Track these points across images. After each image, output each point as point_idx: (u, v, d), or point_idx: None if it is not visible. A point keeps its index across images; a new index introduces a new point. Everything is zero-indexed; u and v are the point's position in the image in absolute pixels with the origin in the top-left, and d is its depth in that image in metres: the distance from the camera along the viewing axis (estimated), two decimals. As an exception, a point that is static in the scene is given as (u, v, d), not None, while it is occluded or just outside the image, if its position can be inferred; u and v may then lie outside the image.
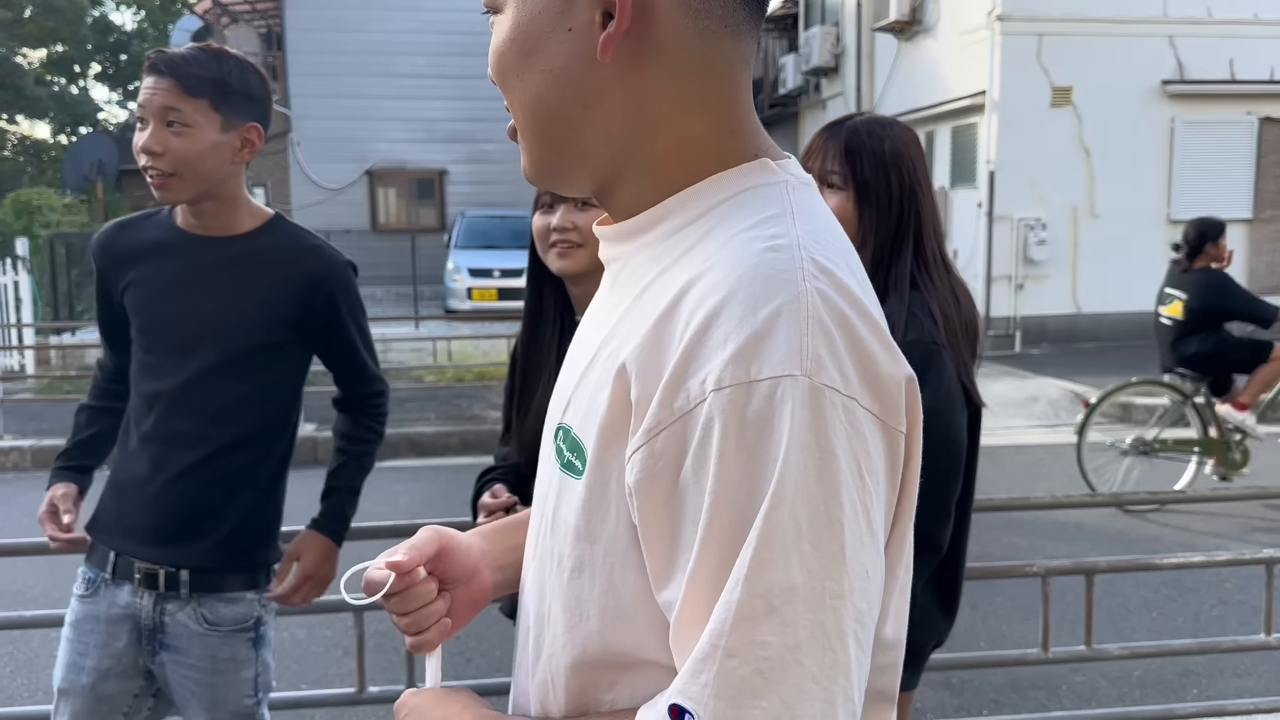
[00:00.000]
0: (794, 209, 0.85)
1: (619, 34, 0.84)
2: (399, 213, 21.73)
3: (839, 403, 0.75)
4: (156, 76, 1.97)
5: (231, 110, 2.01)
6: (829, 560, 0.74)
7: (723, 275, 0.79)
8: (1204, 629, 4.60)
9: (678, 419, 0.77)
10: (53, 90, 35.18)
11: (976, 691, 3.97)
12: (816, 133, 2.10)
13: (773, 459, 0.74)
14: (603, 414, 0.84)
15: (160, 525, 2.07)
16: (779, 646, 0.73)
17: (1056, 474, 7.42)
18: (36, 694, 4.11)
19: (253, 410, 2.10)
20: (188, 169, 1.98)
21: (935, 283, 1.98)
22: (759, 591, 0.73)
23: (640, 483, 0.79)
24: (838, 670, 0.74)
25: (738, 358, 0.75)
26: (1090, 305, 13.18)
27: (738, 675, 0.73)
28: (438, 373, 10.86)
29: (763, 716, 0.73)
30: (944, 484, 1.90)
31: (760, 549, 0.73)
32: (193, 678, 2.11)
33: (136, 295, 2.10)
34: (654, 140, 0.88)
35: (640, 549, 0.82)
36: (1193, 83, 12.90)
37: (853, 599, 0.75)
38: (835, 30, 18.39)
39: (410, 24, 20.74)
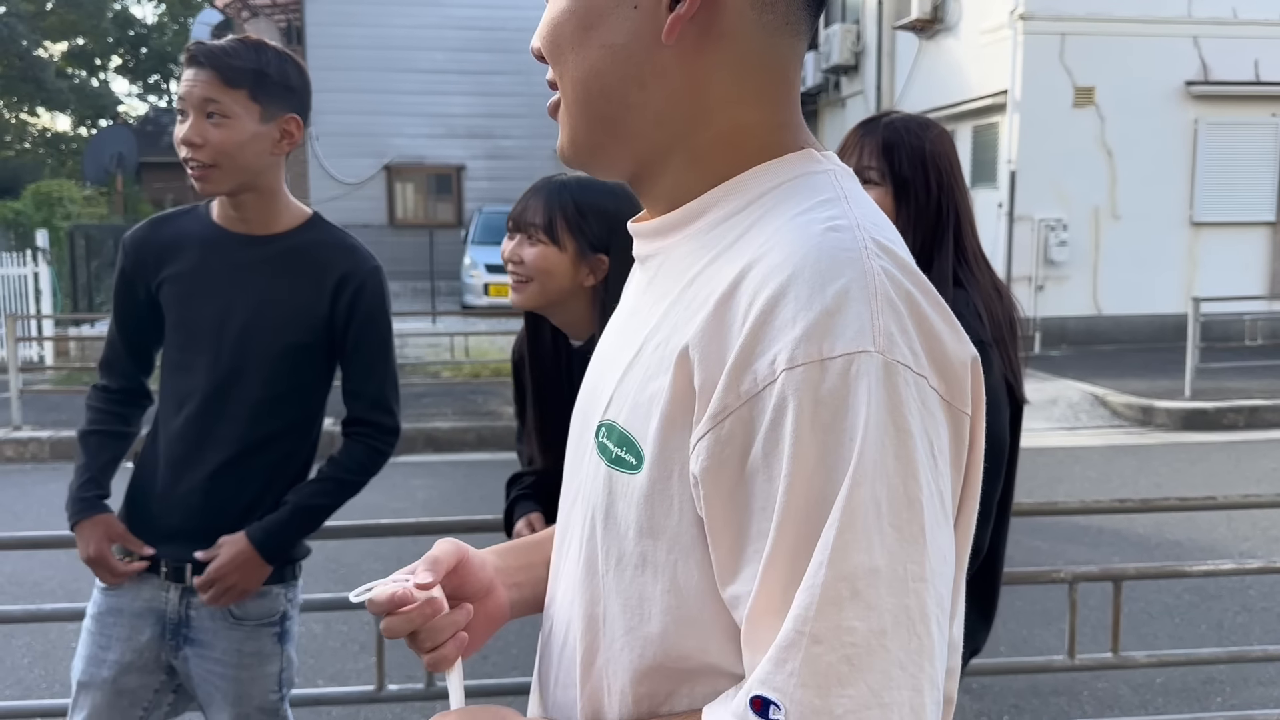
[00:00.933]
0: (846, 194, 0.85)
1: (688, 15, 0.84)
2: (417, 208, 21.74)
3: (911, 380, 0.75)
4: (196, 68, 1.96)
5: (270, 101, 2.00)
6: (909, 542, 0.73)
7: (785, 255, 0.78)
8: (1228, 636, 4.55)
9: (745, 402, 0.75)
10: (73, 83, 35.39)
11: (997, 697, 3.94)
12: (852, 129, 2.08)
13: (850, 438, 0.72)
14: (664, 403, 0.82)
15: (189, 521, 2.07)
16: (865, 632, 0.71)
17: (1077, 476, 7.37)
18: (55, 686, 4.11)
19: (284, 410, 2.09)
20: (227, 160, 1.97)
21: (978, 279, 1.97)
22: (843, 574, 0.71)
23: (706, 470, 0.77)
24: (923, 656, 0.73)
25: (809, 335, 0.74)
26: (1111, 307, 13.09)
27: (825, 662, 0.71)
28: (454, 368, 10.86)
29: (851, 705, 0.71)
30: (985, 484, 1.87)
31: (843, 530, 0.71)
32: (217, 672, 2.11)
33: (173, 291, 2.08)
34: (706, 127, 0.88)
35: (705, 543, 0.80)
36: (1217, 84, 12.78)
37: (933, 582, 0.74)
38: (856, 28, 18.31)
39: (430, 19, 20.75)
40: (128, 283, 2.13)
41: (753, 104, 0.88)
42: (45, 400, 9.77)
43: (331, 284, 2.07)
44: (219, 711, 2.12)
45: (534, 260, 1.97)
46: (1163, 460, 7.91)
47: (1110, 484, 7.19)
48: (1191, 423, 9.01)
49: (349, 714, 3.83)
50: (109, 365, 2.23)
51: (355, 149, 20.99)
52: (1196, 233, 13.10)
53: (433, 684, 2.84)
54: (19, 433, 8.58)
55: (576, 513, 0.95)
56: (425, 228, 20.21)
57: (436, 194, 21.82)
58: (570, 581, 0.95)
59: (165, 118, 31.03)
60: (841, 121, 19.34)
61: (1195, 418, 9.03)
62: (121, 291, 2.15)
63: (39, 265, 12.76)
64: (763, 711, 0.73)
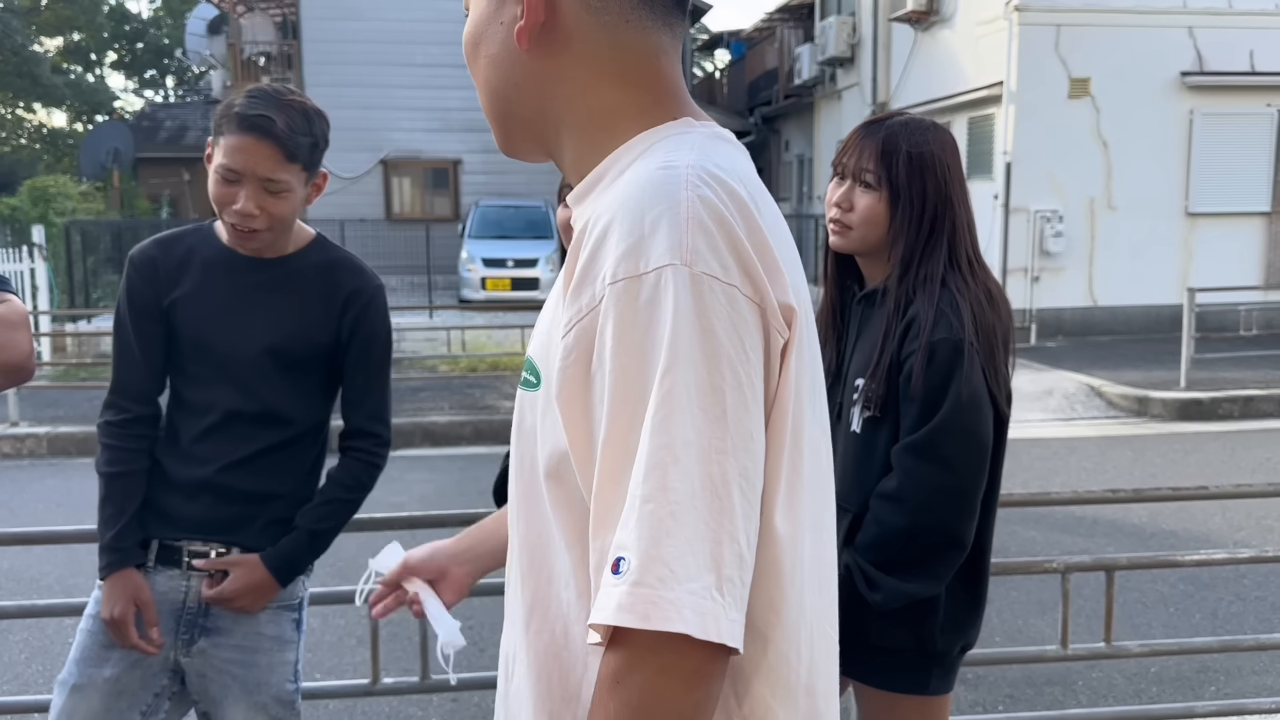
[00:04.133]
0: (699, 145, 1.00)
1: (529, 27, 1.02)
2: (413, 202, 21.73)
3: (718, 288, 0.89)
4: (257, 138, 1.97)
5: (313, 165, 2.09)
6: (714, 421, 0.87)
7: (619, 195, 0.95)
8: (1222, 625, 4.57)
9: (585, 314, 0.92)
10: (69, 78, 35.31)
11: (992, 687, 3.95)
12: (856, 128, 2.10)
13: (660, 336, 0.87)
14: (548, 331, 1.01)
15: (212, 512, 2.12)
16: (682, 491, 0.86)
17: (1072, 467, 7.39)
18: (52, 681, 4.11)
19: (299, 412, 2.16)
20: (279, 224, 2.07)
21: (967, 283, 1.97)
22: (663, 444, 0.86)
23: (561, 372, 0.94)
24: (723, 515, 0.87)
25: (627, 255, 0.90)
26: (1106, 298, 13.11)
27: (655, 517, 0.85)
28: (451, 362, 10.87)
29: (674, 553, 0.85)
30: (968, 479, 1.89)
31: (660, 408, 0.87)
32: (236, 659, 2.13)
33: (188, 311, 2.11)
34: (578, 108, 1.06)
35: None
36: (1212, 74, 12.79)
37: (735, 455, 0.88)
38: (852, 20, 18.30)
39: (426, 13, 20.70)
40: (140, 303, 2.13)
41: (614, 87, 1.05)
42: (42, 396, 9.78)
43: (340, 300, 2.16)
44: (233, 704, 2.12)
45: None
46: (1158, 451, 7.93)
47: (1105, 474, 7.21)
48: (1186, 413, 9.03)
49: (345, 707, 3.85)
50: (124, 392, 2.16)
51: (351, 143, 20.93)
52: (1192, 223, 13.12)
53: (428, 677, 2.86)
54: (16, 428, 8.59)
55: (512, 443, 1.12)
56: (422, 222, 20.18)
57: (433, 188, 21.81)
58: (510, 497, 1.13)
59: (161, 113, 30.94)
60: (838, 114, 19.33)
61: (1190, 408, 9.05)
62: (134, 311, 2.13)
63: (35, 261, 12.75)
64: (616, 569, 0.86)
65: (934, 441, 1.86)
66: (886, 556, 1.90)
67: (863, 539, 1.93)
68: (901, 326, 1.94)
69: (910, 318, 1.93)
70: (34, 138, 36.84)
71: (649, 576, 0.84)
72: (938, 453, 1.87)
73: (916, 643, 1.97)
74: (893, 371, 1.93)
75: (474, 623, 4.58)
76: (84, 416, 8.81)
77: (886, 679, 2.01)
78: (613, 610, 0.85)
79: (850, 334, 2.10)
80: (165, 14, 39.16)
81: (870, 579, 1.90)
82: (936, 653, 1.98)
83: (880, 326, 1.97)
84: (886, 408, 1.94)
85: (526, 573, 1.06)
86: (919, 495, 1.87)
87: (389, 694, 3.21)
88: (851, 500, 1.98)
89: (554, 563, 1.03)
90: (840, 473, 2.00)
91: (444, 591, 1.51)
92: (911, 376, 1.89)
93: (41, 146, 36.53)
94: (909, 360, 1.90)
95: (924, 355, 1.88)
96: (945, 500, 1.88)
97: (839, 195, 2.06)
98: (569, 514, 0.99)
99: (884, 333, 1.96)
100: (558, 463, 0.98)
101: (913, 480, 1.88)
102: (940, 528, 1.88)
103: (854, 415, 2.00)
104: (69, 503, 6.64)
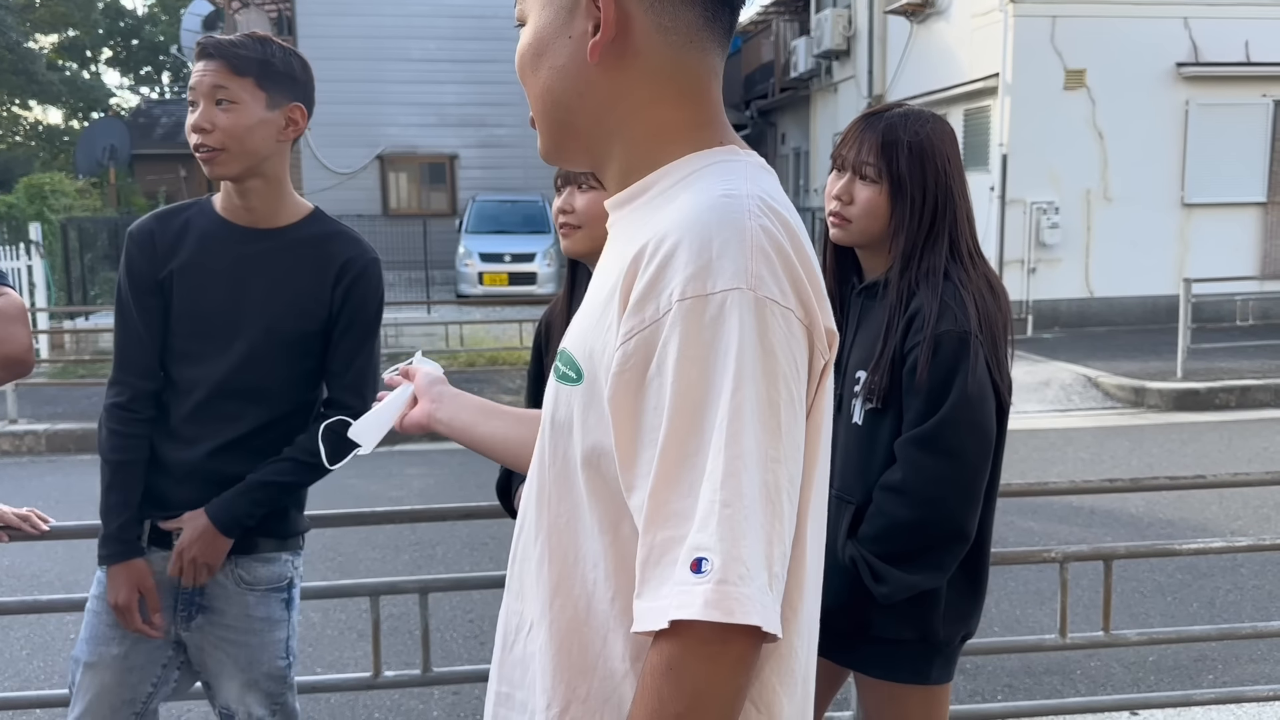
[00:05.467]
0: (751, 177, 1.08)
1: (604, 42, 1.08)
2: (410, 197, 21.70)
3: (778, 312, 0.97)
4: (206, 59, 2.05)
5: (276, 89, 2.08)
6: (771, 433, 0.96)
7: (685, 217, 1.01)
8: (1219, 614, 4.59)
9: (648, 326, 0.98)
10: (65, 75, 35.23)
11: (990, 676, 3.97)
12: (855, 120, 2.09)
13: (725, 353, 0.95)
14: (597, 332, 1.06)
15: (202, 493, 2.13)
16: (750, 497, 0.94)
17: (1069, 458, 7.40)
18: (53, 677, 4.14)
19: (292, 392, 2.18)
20: (235, 143, 2.05)
21: (970, 276, 1.97)
22: (736, 454, 0.94)
23: (615, 377, 1.00)
24: (775, 518, 0.96)
25: (696, 275, 0.96)
26: (1103, 289, 13.12)
27: (734, 520, 0.93)
28: (450, 357, 10.86)
29: (747, 552, 0.93)
30: (972, 471, 1.90)
31: (732, 420, 0.94)
32: (229, 638, 2.18)
33: (182, 282, 2.12)
34: (635, 123, 1.12)
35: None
36: (1207, 65, 12.79)
37: (786, 464, 0.98)
38: (847, 13, 18.29)
39: (422, 8, 20.67)
40: (139, 276, 2.13)
41: (672, 105, 1.12)
42: (41, 393, 9.78)
43: (334, 270, 2.15)
44: (229, 679, 2.18)
45: (589, 209, 2.03)
46: (1155, 441, 7.95)
47: (1102, 465, 7.23)
48: (1183, 403, 9.05)
49: (347, 700, 3.86)
50: (128, 367, 2.15)
51: (348, 139, 20.92)
52: (1188, 214, 13.13)
53: (429, 669, 2.87)
54: (15, 426, 8.59)
55: (543, 432, 1.17)
56: (419, 217, 20.16)
57: (430, 183, 21.78)
58: (530, 477, 1.20)
59: (157, 110, 30.90)
60: (834, 106, 19.32)
61: (1187, 398, 9.08)
62: (134, 285, 2.13)
63: (32, 258, 12.74)
64: (698, 569, 0.92)
65: (940, 434, 1.87)
66: (892, 549, 1.90)
67: (867, 531, 1.93)
68: (904, 319, 1.94)
69: (913, 310, 1.93)
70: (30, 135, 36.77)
71: (731, 575, 0.92)
72: (943, 445, 1.87)
73: (919, 633, 1.97)
74: (895, 364, 1.93)
75: (474, 616, 4.59)
76: (82, 413, 8.82)
77: (889, 669, 2.02)
78: (700, 606, 0.91)
79: (850, 326, 2.10)
80: (160, 10, 39.06)
81: (876, 572, 1.90)
82: (938, 642, 1.99)
83: (882, 319, 1.97)
84: (888, 400, 1.94)
85: (554, 553, 1.12)
86: (924, 488, 1.87)
87: (390, 687, 3.22)
88: (853, 492, 1.98)
89: (582, 545, 1.09)
90: (841, 465, 2.01)
91: (415, 407, 1.60)
92: (916, 369, 1.88)
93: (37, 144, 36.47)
94: (912, 353, 1.90)
95: (929, 347, 1.88)
96: (950, 492, 1.88)
97: (839, 188, 2.05)
98: (603, 503, 1.07)
99: (886, 325, 1.96)
100: (598, 456, 1.05)
101: (918, 473, 1.88)
102: (945, 520, 1.89)
103: (855, 407, 2.01)
104: (68, 499, 6.65)
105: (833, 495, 2.00)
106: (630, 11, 1.08)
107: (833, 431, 1.99)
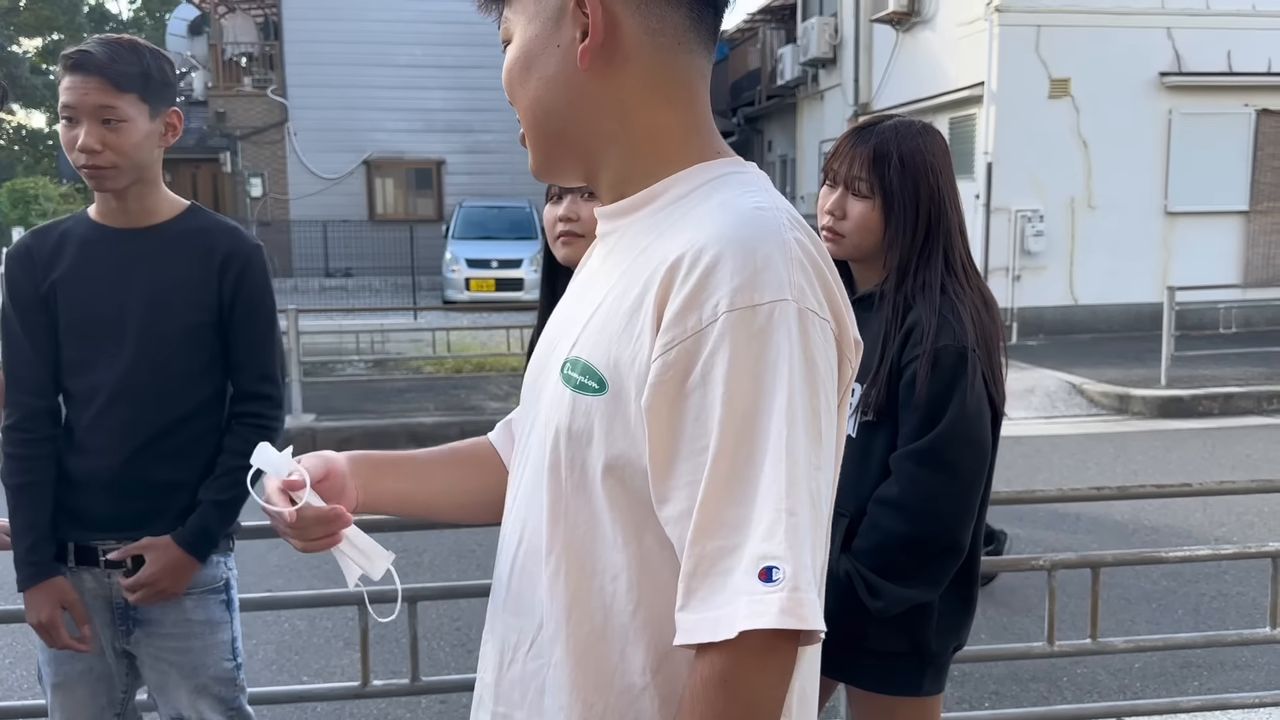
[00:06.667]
0: (765, 188, 1.10)
1: (592, 47, 1.07)
2: (397, 203, 21.67)
3: (817, 322, 1.00)
4: (83, 75, 2.01)
5: (155, 99, 2.09)
6: (813, 440, 0.98)
7: (722, 228, 1.01)
8: (1204, 621, 4.60)
9: (691, 335, 0.98)
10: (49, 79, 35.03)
11: (977, 684, 3.98)
12: (845, 133, 2.09)
13: (775, 363, 0.96)
14: (622, 342, 1.04)
15: (120, 509, 2.11)
16: (805, 505, 0.96)
17: (1055, 465, 7.43)
18: (35, 687, 4.07)
19: (191, 389, 2.15)
20: (126, 160, 2.05)
21: (964, 288, 1.97)
22: (795, 463, 0.96)
23: (653, 387, 0.99)
24: (819, 525, 0.99)
25: (744, 287, 0.97)
26: (1087, 297, 13.18)
27: (799, 529, 0.95)
28: (436, 363, 10.83)
29: (809, 558, 0.95)
30: (969, 486, 1.90)
31: (790, 431, 0.96)
32: (169, 647, 2.16)
33: (64, 293, 2.11)
34: (630, 128, 1.11)
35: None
36: (1190, 75, 12.87)
37: (825, 470, 1.01)
38: (834, 21, 18.34)
39: (408, 13, 20.66)
40: (21, 294, 2.12)
41: (664, 109, 1.11)
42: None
43: (217, 263, 2.14)
44: (175, 689, 2.16)
45: (593, 218, 2.03)
46: (1139, 448, 7.98)
47: (1088, 471, 7.25)
48: (1167, 410, 9.09)
49: (333, 710, 3.84)
50: (18, 386, 2.14)
51: (334, 144, 20.89)
52: (1171, 222, 13.20)
53: (418, 679, 2.85)
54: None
55: (535, 437, 1.16)
56: (405, 223, 20.15)
57: (417, 189, 21.76)
58: (529, 489, 1.16)
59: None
60: (820, 114, 19.37)
61: (1171, 405, 9.12)
62: (16, 303, 2.13)
63: (15, 264, 12.65)
64: (769, 578, 0.93)
65: (937, 449, 1.86)
66: (887, 563, 1.89)
67: (862, 545, 1.92)
68: (901, 333, 1.93)
69: (910, 324, 1.93)
70: (13, 139, 36.57)
71: (802, 582, 0.94)
72: (941, 460, 1.86)
73: (911, 645, 1.97)
74: (892, 378, 1.93)
75: (461, 624, 4.58)
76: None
77: (881, 682, 2.01)
78: (775, 614, 0.92)
79: None
80: (145, 15, 38.93)
81: (871, 586, 1.89)
82: (930, 654, 1.98)
83: (878, 331, 1.97)
84: (883, 413, 1.94)
85: (570, 566, 1.10)
86: (921, 502, 1.87)
87: (378, 696, 3.21)
88: (847, 505, 1.96)
89: (601, 556, 1.08)
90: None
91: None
92: (913, 383, 1.88)
93: (21, 148, 36.26)
94: (909, 366, 1.90)
95: (928, 362, 1.87)
96: (946, 507, 1.88)
97: (831, 203, 2.04)
98: (625, 514, 1.06)
99: (883, 339, 1.95)
100: (623, 466, 1.04)
101: (915, 487, 1.87)
102: (941, 534, 1.88)
103: (849, 420, 2.00)
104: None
105: None
106: (618, 15, 1.08)
107: None
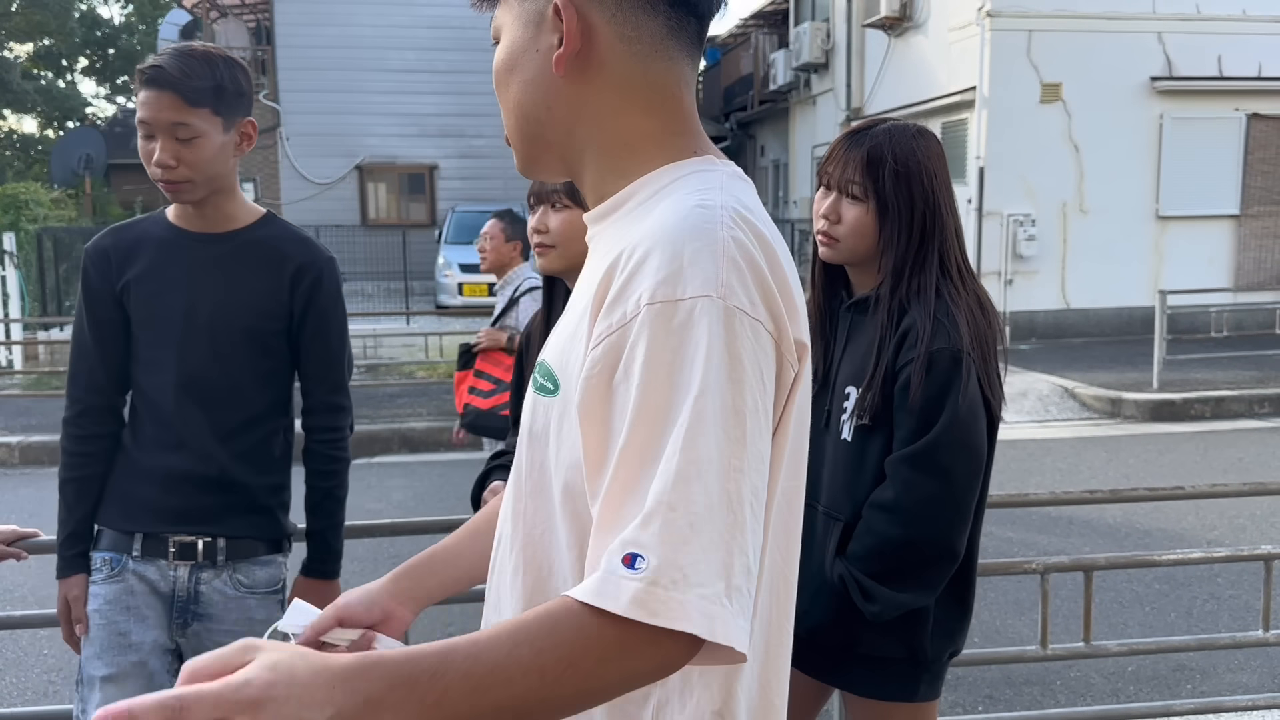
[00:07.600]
0: (725, 186, 1.07)
1: (568, 54, 1.08)
2: (389, 208, 21.64)
3: (746, 321, 0.96)
4: (157, 91, 2.03)
5: (229, 111, 2.10)
6: (734, 442, 0.93)
7: (659, 225, 1.01)
8: (1197, 624, 4.61)
9: (616, 330, 0.97)
10: (40, 84, 34.96)
11: (971, 687, 3.98)
12: (839, 137, 2.08)
13: (692, 359, 0.93)
14: (573, 343, 1.05)
15: (193, 502, 2.14)
16: (702, 505, 0.91)
17: (1047, 468, 7.44)
18: (26, 693, 4.09)
19: (256, 393, 2.19)
20: (201, 174, 2.07)
21: (959, 291, 1.95)
22: (692, 459, 0.91)
23: (585, 380, 0.99)
24: (736, 529, 0.92)
25: (666, 281, 0.96)
26: (1079, 301, 13.22)
27: (677, 525, 0.90)
28: (429, 368, 10.83)
29: (690, 560, 0.89)
30: (964, 490, 1.89)
31: (691, 427, 0.92)
32: (229, 643, 2.14)
33: (138, 292, 2.15)
34: (605, 133, 1.12)
35: None
36: (1181, 79, 12.93)
37: (749, 474, 0.94)
38: (826, 26, 18.38)
39: (400, 18, 20.65)
40: (95, 291, 2.17)
41: (640, 115, 1.11)
42: (14, 404, 9.68)
43: (290, 273, 2.17)
44: None
45: (562, 228, 2.09)
46: (1131, 451, 8.00)
47: (1080, 475, 7.27)
48: (1159, 414, 9.12)
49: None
50: (75, 381, 2.22)
51: (326, 149, 20.85)
52: (1163, 226, 13.25)
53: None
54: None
55: (520, 443, 1.16)
56: (398, 227, 20.11)
57: (409, 194, 21.73)
58: (509, 493, 1.18)
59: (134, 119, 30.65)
60: (813, 119, 19.40)
61: (1163, 409, 9.14)
62: (91, 302, 2.18)
63: (6, 269, 12.62)
64: (631, 564, 0.89)
65: (932, 453, 1.85)
66: (882, 567, 1.88)
67: (857, 549, 1.91)
68: (896, 337, 1.92)
69: (905, 328, 1.91)
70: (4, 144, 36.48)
71: (664, 579, 0.89)
72: (936, 464, 1.85)
73: (907, 651, 1.96)
74: (887, 382, 1.92)
75: (454, 629, 4.57)
76: (56, 426, 8.64)
77: (877, 688, 2.00)
78: (626, 603, 0.88)
79: (839, 341, 2.07)
80: (137, 20, 38.86)
81: (866, 590, 1.88)
82: (926, 660, 1.97)
83: (873, 335, 1.96)
84: (878, 417, 1.93)
85: (528, 565, 1.11)
86: (916, 506, 1.86)
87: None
88: (842, 510, 1.96)
89: (554, 558, 1.08)
90: (829, 481, 2.00)
91: (388, 633, 1.32)
92: (909, 386, 1.87)
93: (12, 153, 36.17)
94: (904, 370, 1.89)
95: (923, 365, 1.86)
96: (942, 511, 1.87)
97: (826, 207, 2.03)
98: (573, 518, 1.05)
99: (879, 343, 1.94)
100: (571, 467, 1.04)
101: (910, 491, 1.86)
102: (936, 538, 1.87)
103: (844, 424, 1.99)
104: (42, 513, 6.56)
105: (820, 512, 1.99)
106: (593, 23, 1.08)
107: (821, 448, 1.99)
